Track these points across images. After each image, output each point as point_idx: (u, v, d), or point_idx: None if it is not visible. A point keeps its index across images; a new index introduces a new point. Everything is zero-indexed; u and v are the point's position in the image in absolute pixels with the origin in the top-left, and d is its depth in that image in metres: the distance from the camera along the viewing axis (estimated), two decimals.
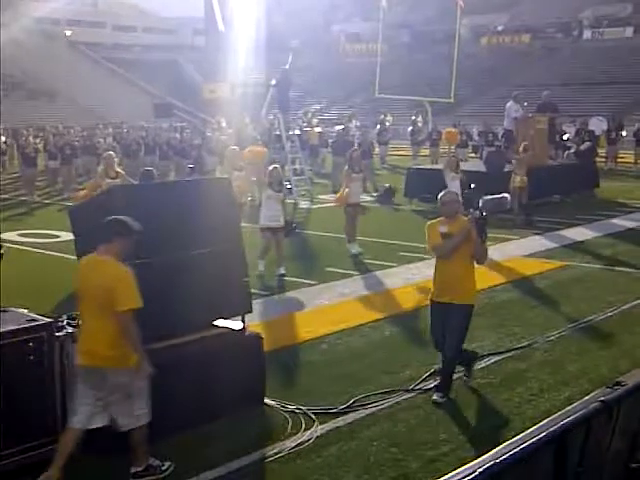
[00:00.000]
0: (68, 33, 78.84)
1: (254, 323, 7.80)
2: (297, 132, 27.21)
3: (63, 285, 10.89)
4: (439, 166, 24.24)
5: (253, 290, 7.67)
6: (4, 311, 6.14)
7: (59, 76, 63.46)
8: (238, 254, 7.27)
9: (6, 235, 15.89)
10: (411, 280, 12.24)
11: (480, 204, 7.00)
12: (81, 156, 26.74)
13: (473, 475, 2.78)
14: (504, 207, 7.49)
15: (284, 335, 9.33)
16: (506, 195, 7.54)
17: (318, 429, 6.64)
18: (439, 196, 7.37)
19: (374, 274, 12.65)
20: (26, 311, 6.25)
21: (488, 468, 2.86)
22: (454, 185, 15.49)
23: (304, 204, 21.09)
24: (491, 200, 7.19)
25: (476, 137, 31.15)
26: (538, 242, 15.28)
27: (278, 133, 24.21)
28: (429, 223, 7.34)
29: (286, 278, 12.31)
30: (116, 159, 14.09)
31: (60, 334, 6.04)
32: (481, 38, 71.75)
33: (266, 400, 7.16)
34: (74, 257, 7.03)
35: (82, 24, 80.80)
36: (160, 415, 6.34)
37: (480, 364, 8.13)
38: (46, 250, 14.57)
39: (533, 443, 3.19)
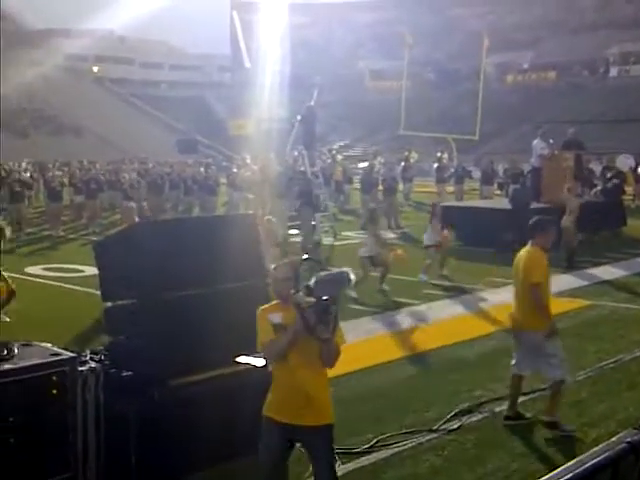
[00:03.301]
0: (95, 69, 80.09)
1: None
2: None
3: (87, 319, 10.93)
4: (466, 203, 24.26)
5: None
6: (28, 345, 6.13)
7: (86, 112, 64.34)
8: (262, 290, 7.24)
9: (31, 269, 16.00)
10: (436, 318, 12.15)
11: (312, 285, 5.03)
12: (106, 191, 26.98)
13: None
14: (343, 284, 5.19)
15: None
16: (346, 270, 5.19)
17: (340, 468, 6.53)
18: (271, 269, 5.60)
19: (399, 312, 12.57)
20: (50, 345, 6.25)
21: None
22: (433, 232, 15.61)
23: (327, 240, 21.07)
24: (325, 279, 5.09)
25: (501, 174, 31.08)
26: (564, 280, 15.12)
27: (302, 169, 24.28)
28: (260, 309, 5.46)
29: None
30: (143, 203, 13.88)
31: (83, 369, 6.02)
32: (506, 75, 72.09)
33: None
34: (98, 292, 7.03)
35: (109, 60, 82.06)
36: (182, 452, 6.29)
37: (506, 404, 8.01)
38: (70, 284, 14.61)
39: None
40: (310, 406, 5.16)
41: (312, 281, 5.03)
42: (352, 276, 5.12)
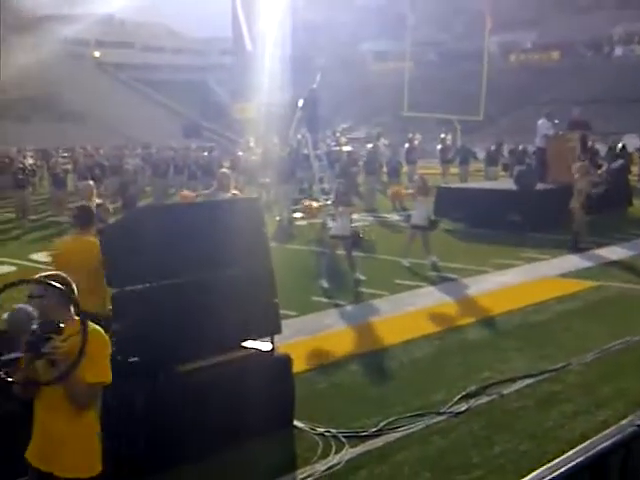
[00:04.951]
0: (97, 54, 79.81)
1: (284, 344, 7.72)
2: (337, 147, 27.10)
3: None
4: (471, 185, 24.17)
5: (282, 311, 7.60)
6: None
7: (88, 97, 64.18)
8: (267, 274, 7.22)
9: (36, 256, 15.99)
10: (442, 300, 12.13)
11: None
12: (110, 177, 26.94)
13: None
14: (21, 324, 4.18)
15: (313, 356, 9.24)
16: (24, 307, 4.23)
17: (348, 452, 6.53)
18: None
19: (405, 294, 12.53)
20: None
21: None
22: (422, 209, 15.00)
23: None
24: (7, 319, 4.36)
25: (506, 155, 30.97)
26: (570, 262, 15.08)
27: (306, 152, 24.20)
28: None
29: (315, 298, 12.25)
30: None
31: None
32: (510, 55, 71.69)
33: (295, 422, 7.07)
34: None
35: (110, 45, 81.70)
36: (188, 437, 6.29)
37: (514, 387, 8.00)
38: None
39: (570, 468, 3.10)
40: (60, 453, 4.26)
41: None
42: (35, 313, 4.17)
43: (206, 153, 31.15)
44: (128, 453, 6.06)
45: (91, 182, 13.21)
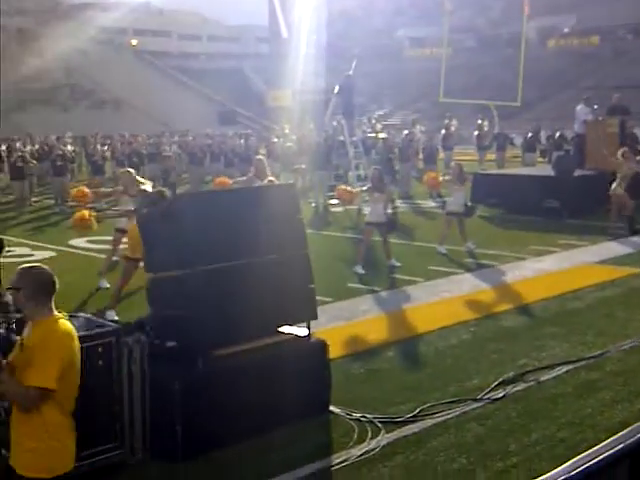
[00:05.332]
0: (134, 42, 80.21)
1: (320, 330, 7.75)
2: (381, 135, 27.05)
3: (132, 290, 11.04)
4: (508, 171, 23.93)
5: (318, 296, 7.62)
6: (73, 317, 6.19)
7: (125, 85, 64.50)
8: (304, 260, 7.24)
9: (74, 241, 16.17)
10: (479, 287, 12.07)
11: None
12: (148, 164, 27.11)
13: None
14: None
15: (349, 342, 9.26)
16: None
17: (384, 438, 6.54)
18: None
19: (441, 281, 12.50)
20: (94, 317, 6.31)
21: None
22: (458, 196, 14.84)
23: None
24: None
25: (544, 141, 30.64)
26: (609, 248, 14.92)
27: (342, 139, 24.16)
28: None
29: (350, 284, 12.26)
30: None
31: (128, 340, 6.07)
32: (548, 40, 70.80)
33: (331, 408, 7.09)
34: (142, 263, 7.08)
35: (148, 33, 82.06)
36: (226, 421, 6.34)
37: (552, 374, 7.95)
38: (114, 256, 14.70)
39: (609, 456, 3.07)
40: (17, 451, 4.22)
41: None
42: None
43: (243, 140, 31.20)
44: (166, 437, 6.13)
45: (131, 170, 13.36)
